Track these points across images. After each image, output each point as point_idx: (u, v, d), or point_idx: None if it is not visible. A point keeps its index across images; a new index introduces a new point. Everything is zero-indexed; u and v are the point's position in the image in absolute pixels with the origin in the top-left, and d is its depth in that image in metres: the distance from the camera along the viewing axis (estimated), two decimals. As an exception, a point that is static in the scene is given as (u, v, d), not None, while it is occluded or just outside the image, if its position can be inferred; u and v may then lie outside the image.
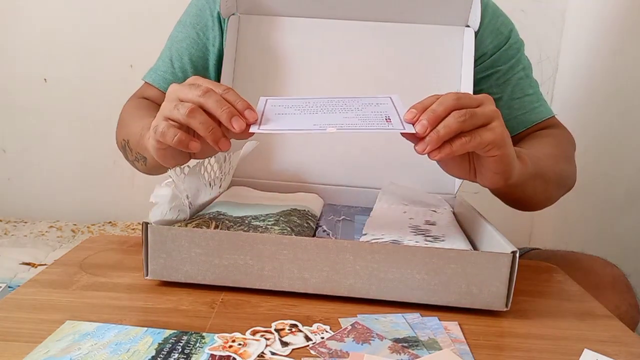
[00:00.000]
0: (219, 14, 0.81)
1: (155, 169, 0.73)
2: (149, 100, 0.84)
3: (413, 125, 0.51)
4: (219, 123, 0.51)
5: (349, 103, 0.56)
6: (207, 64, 0.84)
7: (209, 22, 0.82)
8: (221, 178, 0.70)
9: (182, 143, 0.51)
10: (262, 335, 0.44)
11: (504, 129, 0.52)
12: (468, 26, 0.78)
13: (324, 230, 0.63)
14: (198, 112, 0.50)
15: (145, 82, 0.86)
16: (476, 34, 0.80)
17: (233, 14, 0.80)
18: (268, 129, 0.52)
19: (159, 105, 0.79)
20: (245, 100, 0.52)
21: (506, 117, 0.82)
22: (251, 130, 0.51)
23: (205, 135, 0.50)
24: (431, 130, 0.50)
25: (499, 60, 0.83)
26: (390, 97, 0.57)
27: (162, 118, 0.52)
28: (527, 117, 0.83)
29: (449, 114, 0.50)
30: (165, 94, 0.80)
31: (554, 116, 0.85)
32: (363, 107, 0.55)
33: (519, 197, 0.71)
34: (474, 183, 0.66)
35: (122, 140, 0.78)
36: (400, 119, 0.52)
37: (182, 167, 0.58)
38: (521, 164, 0.59)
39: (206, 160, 0.65)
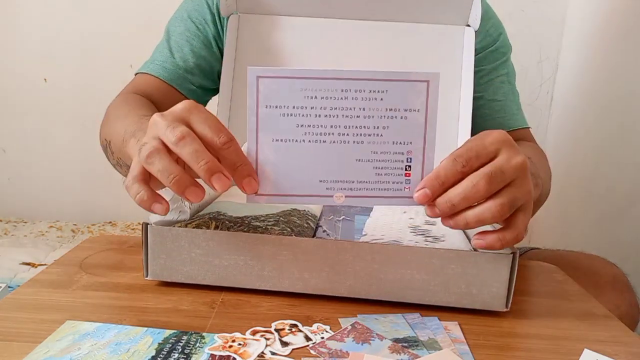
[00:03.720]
0: (218, 7, 0.80)
1: None
2: (141, 95, 0.77)
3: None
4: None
5: (367, 114, 0.44)
6: (210, 58, 0.82)
7: (207, 15, 0.81)
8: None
9: (144, 203, 0.43)
10: (262, 335, 0.44)
11: (530, 182, 0.46)
12: (469, 25, 0.78)
13: (324, 230, 0.63)
14: (158, 156, 0.41)
15: (141, 73, 0.81)
16: None
17: (233, 13, 0.80)
18: (267, 192, 0.44)
19: (151, 100, 0.76)
20: (249, 163, 0.44)
21: (486, 117, 0.83)
22: (247, 198, 0.44)
23: (166, 184, 0.42)
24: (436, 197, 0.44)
25: (484, 60, 0.83)
26: (427, 86, 0.44)
27: (135, 157, 0.44)
28: (506, 121, 0.83)
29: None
30: (164, 82, 0.79)
31: (529, 128, 0.86)
32: (384, 129, 0.44)
33: None
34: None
35: (103, 139, 0.71)
36: (423, 169, 0.45)
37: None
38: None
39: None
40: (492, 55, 0.83)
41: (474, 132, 0.82)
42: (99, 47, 1.55)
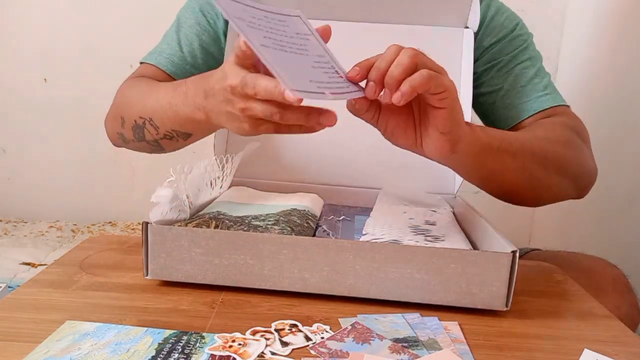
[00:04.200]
0: None
1: (194, 140, 0.69)
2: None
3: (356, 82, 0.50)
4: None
5: (290, 35, 0.50)
6: (218, 54, 0.81)
7: (219, 10, 0.81)
8: (222, 178, 0.70)
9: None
10: (262, 335, 0.44)
11: (455, 87, 0.51)
12: (467, 27, 0.78)
13: (324, 230, 0.63)
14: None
15: (147, 63, 0.80)
16: (478, 32, 0.79)
17: (233, 14, 0.80)
18: (298, 88, 0.45)
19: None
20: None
21: (508, 106, 0.80)
22: (288, 94, 0.44)
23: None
24: (380, 89, 0.49)
25: (501, 51, 0.81)
26: (301, 19, 0.52)
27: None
28: (530, 105, 0.79)
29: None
30: (170, 77, 0.79)
31: (564, 105, 0.80)
32: (304, 47, 0.50)
33: (486, 175, 0.65)
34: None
35: (138, 118, 0.70)
36: (343, 72, 0.51)
37: (184, 166, 0.58)
38: (471, 131, 0.56)
39: (207, 160, 0.65)
40: (510, 44, 0.81)
41: (497, 123, 0.80)
42: (99, 47, 1.54)
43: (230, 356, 0.41)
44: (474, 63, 0.81)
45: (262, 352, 0.42)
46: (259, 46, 0.45)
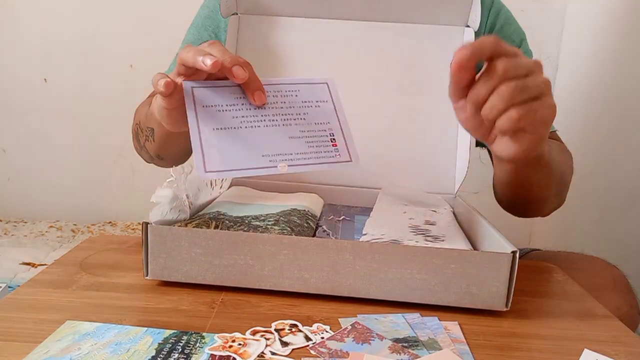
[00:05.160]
0: None
1: (163, 141, 0.71)
2: None
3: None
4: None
5: (288, 105, 0.53)
6: None
7: (221, 23, 0.82)
8: (222, 178, 0.70)
9: (168, 85, 0.49)
10: (262, 335, 0.44)
11: (554, 104, 0.48)
12: (468, 26, 0.78)
13: (324, 230, 0.63)
14: (189, 51, 0.50)
15: None
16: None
17: (233, 14, 0.80)
18: (215, 169, 0.48)
19: None
20: (260, 82, 0.52)
21: None
22: (201, 174, 0.48)
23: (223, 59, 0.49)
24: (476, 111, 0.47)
25: None
26: (328, 86, 0.55)
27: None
28: None
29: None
30: None
31: (556, 131, 0.84)
32: (305, 114, 0.53)
33: (522, 182, 0.65)
34: (473, 183, 0.66)
35: (134, 126, 0.77)
36: (345, 140, 0.52)
37: (184, 166, 0.58)
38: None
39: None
40: None
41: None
42: (99, 47, 1.55)
43: (230, 356, 0.41)
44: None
45: (262, 352, 0.42)
46: (207, 132, 0.49)
